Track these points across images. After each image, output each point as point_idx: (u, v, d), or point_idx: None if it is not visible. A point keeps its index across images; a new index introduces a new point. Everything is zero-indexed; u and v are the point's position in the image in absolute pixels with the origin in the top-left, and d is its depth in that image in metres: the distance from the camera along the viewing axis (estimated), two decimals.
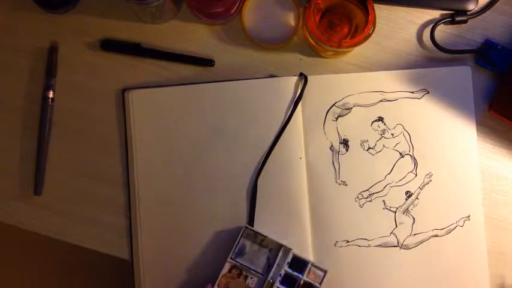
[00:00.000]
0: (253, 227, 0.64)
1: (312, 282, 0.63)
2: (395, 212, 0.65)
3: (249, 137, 0.65)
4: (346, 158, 0.66)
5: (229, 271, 0.62)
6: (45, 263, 1.28)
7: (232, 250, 0.62)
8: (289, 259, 0.63)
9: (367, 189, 0.65)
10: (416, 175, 0.66)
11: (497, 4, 0.67)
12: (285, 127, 0.65)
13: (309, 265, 0.63)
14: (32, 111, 0.67)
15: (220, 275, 0.62)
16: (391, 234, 0.65)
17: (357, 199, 0.65)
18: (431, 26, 0.67)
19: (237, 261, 0.62)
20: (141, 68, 0.67)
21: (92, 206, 0.66)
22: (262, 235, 0.63)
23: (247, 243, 0.63)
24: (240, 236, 0.63)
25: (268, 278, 0.62)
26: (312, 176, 0.65)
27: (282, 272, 0.63)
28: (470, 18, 0.67)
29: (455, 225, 0.65)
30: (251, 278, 0.63)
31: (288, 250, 0.62)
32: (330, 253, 0.64)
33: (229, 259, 0.62)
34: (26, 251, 1.29)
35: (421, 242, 0.65)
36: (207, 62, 0.67)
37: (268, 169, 0.64)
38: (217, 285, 0.62)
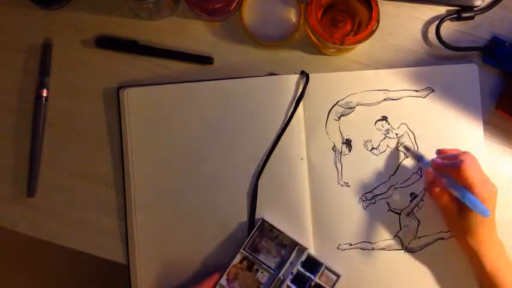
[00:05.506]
0: (253, 229, 0.62)
1: (323, 285, 0.62)
2: (399, 214, 0.64)
3: (248, 137, 0.64)
4: (349, 159, 0.65)
5: (240, 262, 0.62)
6: (40, 265, 1.28)
7: (246, 241, 0.62)
8: (303, 258, 0.62)
9: (371, 191, 0.64)
10: (421, 176, 0.65)
11: (505, 0, 0.66)
12: (286, 127, 0.64)
13: (323, 267, 0.62)
14: (25, 110, 0.66)
15: (231, 265, 0.61)
16: (395, 237, 0.64)
17: (360, 201, 0.64)
18: (436, 22, 0.66)
19: (249, 253, 0.61)
20: (138, 66, 0.66)
21: (87, 208, 0.65)
22: (279, 230, 0.62)
23: (262, 237, 0.62)
24: (255, 228, 0.62)
25: (280, 275, 0.61)
26: (313, 177, 0.64)
27: (294, 271, 0.62)
28: (477, 14, 0.66)
29: None
30: (261, 272, 0.62)
31: (302, 249, 0.62)
32: (333, 256, 0.63)
33: (242, 250, 0.61)
34: (20, 253, 1.28)
35: (426, 245, 0.64)
36: (206, 60, 0.66)
37: (268, 170, 0.63)
38: (227, 275, 0.61)
